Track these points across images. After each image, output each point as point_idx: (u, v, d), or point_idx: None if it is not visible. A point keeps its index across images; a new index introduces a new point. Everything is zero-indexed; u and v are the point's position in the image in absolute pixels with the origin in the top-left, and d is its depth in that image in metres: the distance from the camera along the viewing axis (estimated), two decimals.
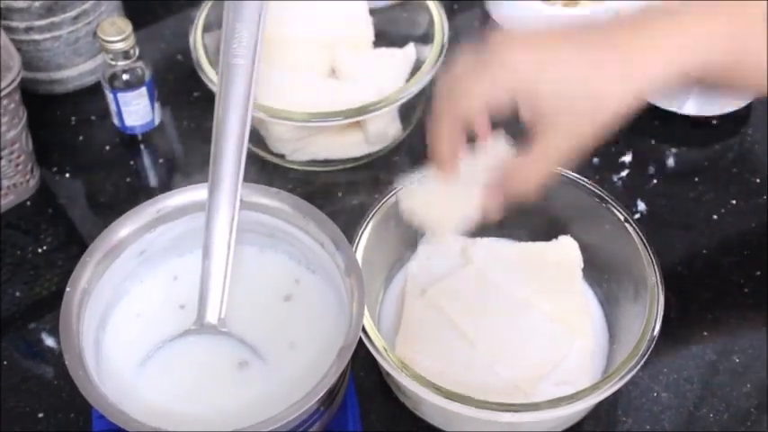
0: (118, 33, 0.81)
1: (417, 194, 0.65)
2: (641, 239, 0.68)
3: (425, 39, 0.86)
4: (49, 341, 0.75)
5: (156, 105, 0.87)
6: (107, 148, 0.88)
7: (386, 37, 0.90)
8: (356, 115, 0.79)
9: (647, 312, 0.64)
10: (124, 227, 0.64)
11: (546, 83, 0.56)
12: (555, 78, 0.56)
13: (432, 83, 0.83)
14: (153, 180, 0.87)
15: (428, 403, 0.62)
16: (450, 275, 0.72)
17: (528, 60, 0.57)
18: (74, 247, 0.82)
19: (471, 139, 0.61)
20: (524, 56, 0.57)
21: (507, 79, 0.57)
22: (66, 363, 0.57)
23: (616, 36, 0.58)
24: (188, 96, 0.92)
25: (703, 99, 0.88)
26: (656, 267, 0.66)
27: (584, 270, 0.72)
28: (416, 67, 0.85)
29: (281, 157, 0.85)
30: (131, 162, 0.87)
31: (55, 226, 0.83)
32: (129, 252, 0.64)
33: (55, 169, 0.87)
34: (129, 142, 0.88)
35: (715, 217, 0.82)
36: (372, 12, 0.89)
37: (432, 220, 0.64)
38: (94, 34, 0.87)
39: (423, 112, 0.89)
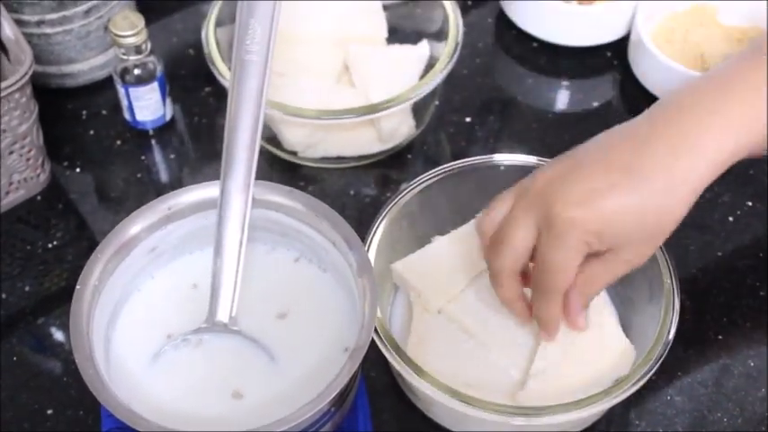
0: (130, 28, 0.80)
1: (412, 266, 0.69)
2: None
3: (439, 35, 0.85)
4: (59, 337, 0.75)
5: (168, 100, 0.87)
6: (118, 142, 0.88)
7: (399, 33, 0.89)
8: (369, 113, 0.78)
9: (663, 316, 0.64)
10: (135, 224, 0.63)
11: (605, 236, 0.57)
12: (613, 231, 0.57)
13: (445, 81, 0.82)
14: (164, 175, 0.87)
15: (440, 405, 0.62)
16: None
17: (584, 217, 0.56)
18: (84, 242, 0.82)
19: None
20: (577, 211, 0.56)
21: (574, 238, 0.57)
22: (77, 361, 0.57)
23: (653, 148, 0.57)
24: (200, 92, 0.91)
25: None
26: (671, 270, 0.66)
27: None
28: (430, 64, 0.84)
29: (293, 154, 0.84)
30: (142, 157, 0.87)
31: (65, 221, 0.83)
32: (140, 249, 0.64)
33: (65, 164, 0.86)
34: (140, 137, 0.88)
35: (731, 219, 0.81)
36: (386, 8, 0.89)
37: (423, 293, 0.68)
38: (105, 28, 0.86)
39: (436, 109, 0.88)
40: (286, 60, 0.81)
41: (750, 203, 0.82)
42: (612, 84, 0.93)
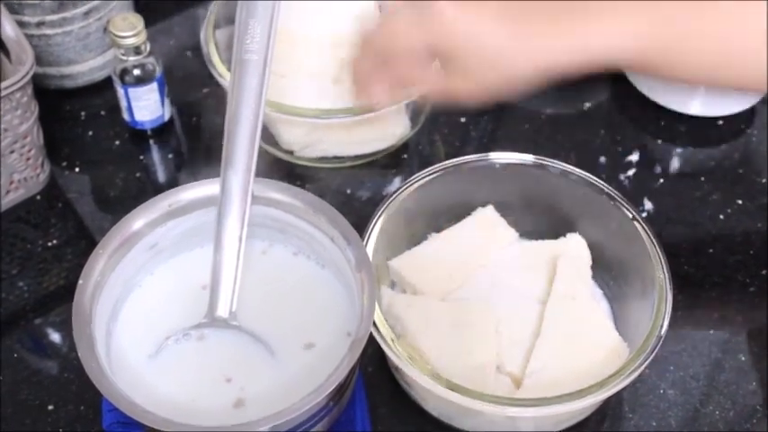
0: (130, 29, 0.81)
1: (409, 263, 0.71)
2: (649, 237, 0.68)
3: None
4: (58, 334, 0.76)
5: (166, 101, 0.87)
6: (117, 143, 0.89)
7: None
8: (365, 112, 0.79)
9: (655, 310, 0.65)
10: (137, 220, 0.64)
11: (467, 48, 0.65)
12: (475, 45, 0.65)
13: None
14: (162, 175, 0.88)
15: (436, 398, 0.62)
16: None
17: (459, 22, 0.64)
18: (82, 241, 0.82)
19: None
20: (457, 16, 0.64)
21: (437, 34, 0.65)
22: (79, 355, 0.57)
23: (539, 15, 0.65)
24: (198, 93, 0.92)
25: (709, 100, 0.89)
26: (663, 265, 0.67)
27: (593, 268, 0.73)
28: None
29: (291, 153, 0.85)
30: (141, 157, 0.88)
31: (64, 220, 0.83)
32: (142, 245, 0.65)
33: (64, 164, 0.87)
34: (139, 137, 0.89)
35: (721, 216, 0.82)
36: (381, 10, 0.89)
37: (419, 289, 0.70)
38: (105, 29, 0.87)
39: (431, 110, 0.89)
40: (284, 61, 0.82)
41: (740, 201, 0.83)
42: (604, 85, 0.94)
